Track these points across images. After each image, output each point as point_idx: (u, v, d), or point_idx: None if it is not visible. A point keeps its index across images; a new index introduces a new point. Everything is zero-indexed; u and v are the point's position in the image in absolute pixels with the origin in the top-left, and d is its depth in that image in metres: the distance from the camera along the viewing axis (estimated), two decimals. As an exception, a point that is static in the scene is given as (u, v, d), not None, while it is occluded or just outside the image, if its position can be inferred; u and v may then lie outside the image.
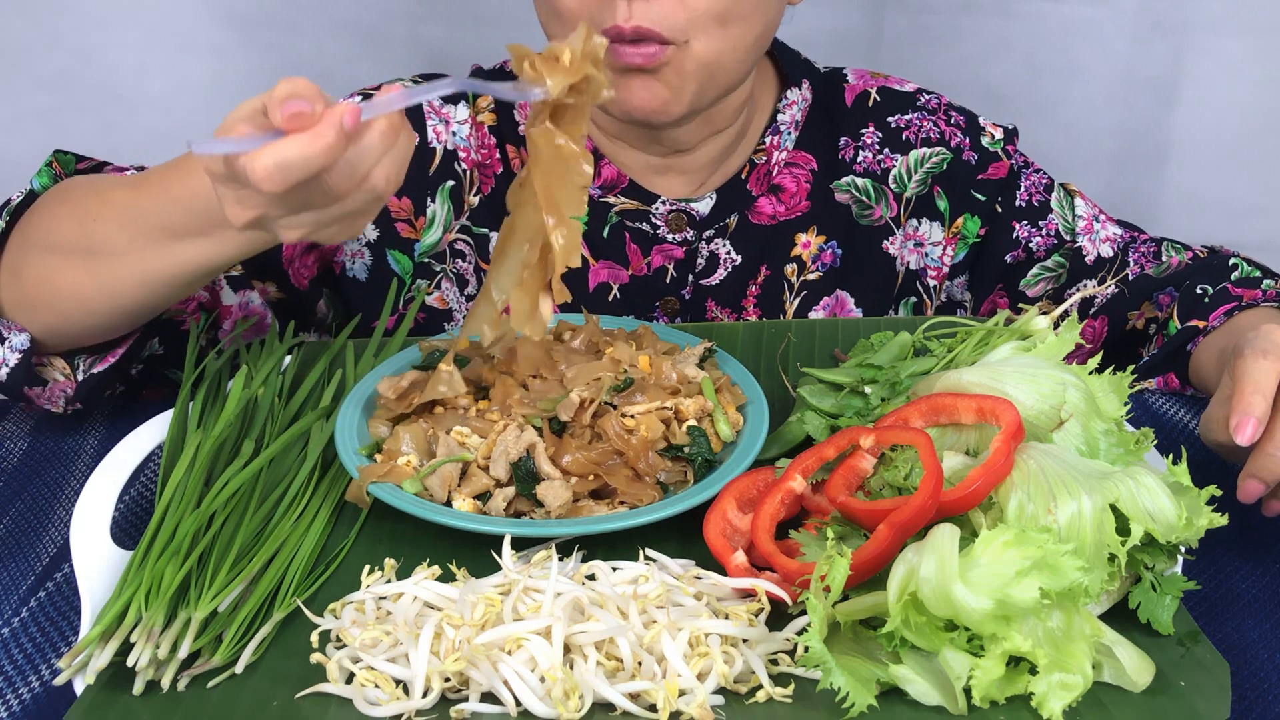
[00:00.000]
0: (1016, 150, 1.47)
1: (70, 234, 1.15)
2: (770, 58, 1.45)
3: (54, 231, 1.17)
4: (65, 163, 1.30)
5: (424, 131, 1.40)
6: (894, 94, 1.47)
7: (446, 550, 0.99)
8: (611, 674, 0.85)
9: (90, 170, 1.30)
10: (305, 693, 0.86)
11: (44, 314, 1.17)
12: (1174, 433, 1.23)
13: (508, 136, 1.42)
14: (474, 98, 1.43)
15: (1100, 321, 1.44)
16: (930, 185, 1.45)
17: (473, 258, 1.44)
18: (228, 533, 1.00)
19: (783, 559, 0.93)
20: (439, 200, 1.41)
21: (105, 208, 1.14)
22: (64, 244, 1.15)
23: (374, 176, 0.91)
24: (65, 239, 1.16)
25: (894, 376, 1.13)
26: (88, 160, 1.31)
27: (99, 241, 1.13)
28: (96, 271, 1.13)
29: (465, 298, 1.45)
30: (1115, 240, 1.46)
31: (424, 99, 1.00)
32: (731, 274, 1.44)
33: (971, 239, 1.47)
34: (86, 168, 1.30)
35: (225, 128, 0.91)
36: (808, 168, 1.44)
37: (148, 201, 1.11)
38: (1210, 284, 1.31)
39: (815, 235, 1.44)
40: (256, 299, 1.35)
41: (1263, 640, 0.97)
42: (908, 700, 0.84)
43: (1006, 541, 0.82)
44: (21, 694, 0.92)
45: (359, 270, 1.42)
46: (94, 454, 1.20)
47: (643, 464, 1.04)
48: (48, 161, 1.28)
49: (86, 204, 1.16)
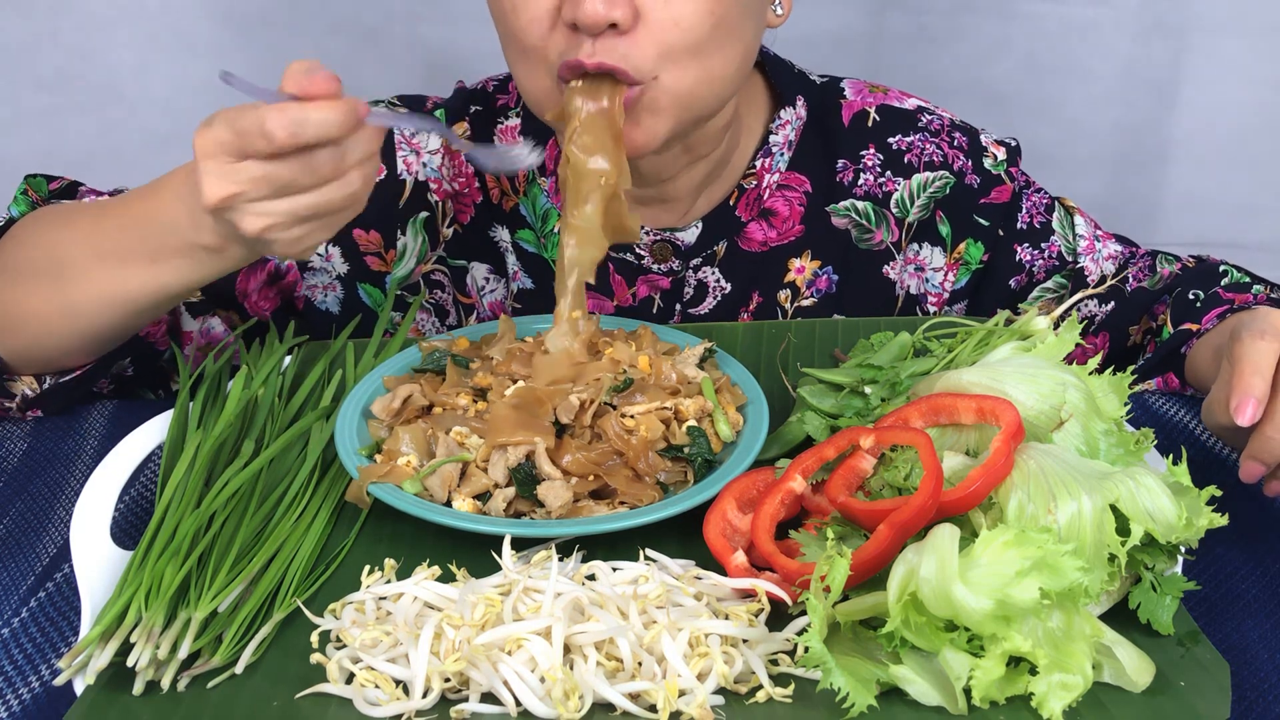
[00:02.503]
0: (1020, 171, 1.44)
1: (37, 258, 1.18)
2: (761, 73, 1.40)
3: (23, 257, 1.19)
4: (37, 185, 1.33)
5: (393, 163, 1.37)
6: (894, 112, 1.42)
7: (446, 550, 0.99)
8: (611, 674, 0.85)
9: (62, 191, 1.32)
10: (305, 693, 0.86)
11: (10, 338, 1.20)
12: (1174, 433, 1.23)
13: None
14: (449, 124, 1.39)
15: (1102, 338, 1.42)
16: (932, 210, 1.41)
17: (450, 289, 1.43)
18: (228, 533, 1.00)
19: (783, 559, 0.93)
20: (410, 232, 1.39)
21: (71, 230, 1.17)
22: (31, 268, 1.18)
23: (354, 173, 0.96)
24: (32, 263, 1.18)
25: (894, 376, 1.13)
26: (59, 180, 1.33)
27: (61, 264, 1.15)
28: (58, 295, 1.15)
29: (447, 328, 1.44)
30: (1116, 257, 1.44)
31: (413, 128, 1.03)
32: (721, 302, 1.40)
33: (974, 265, 1.43)
34: (59, 189, 1.32)
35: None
36: (801, 190, 1.39)
37: (109, 222, 1.13)
38: (1201, 290, 1.31)
39: (810, 260, 1.40)
40: (218, 325, 1.35)
41: (1263, 640, 0.97)
42: (908, 700, 0.84)
43: (1006, 541, 0.82)
44: (21, 694, 0.92)
45: (331, 303, 1.40)
46: (94, 454, 1.20)
47: (643, 464, 1.04)
48: (21, 189, 1.31)
49: (54, 229, 1.19)
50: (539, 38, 1.14)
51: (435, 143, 1.39)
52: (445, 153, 1.40)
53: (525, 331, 1.20)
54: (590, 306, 1.38)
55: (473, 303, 1.43)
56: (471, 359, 1.15)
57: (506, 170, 1.01)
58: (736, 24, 1.16)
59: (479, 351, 1.17)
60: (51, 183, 1.33)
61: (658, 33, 1.11)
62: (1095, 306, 1.42)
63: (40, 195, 1.31)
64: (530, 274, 1.40)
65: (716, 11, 1.13)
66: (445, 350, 1.18)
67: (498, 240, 1.41)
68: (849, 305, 1.43)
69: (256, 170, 0.95)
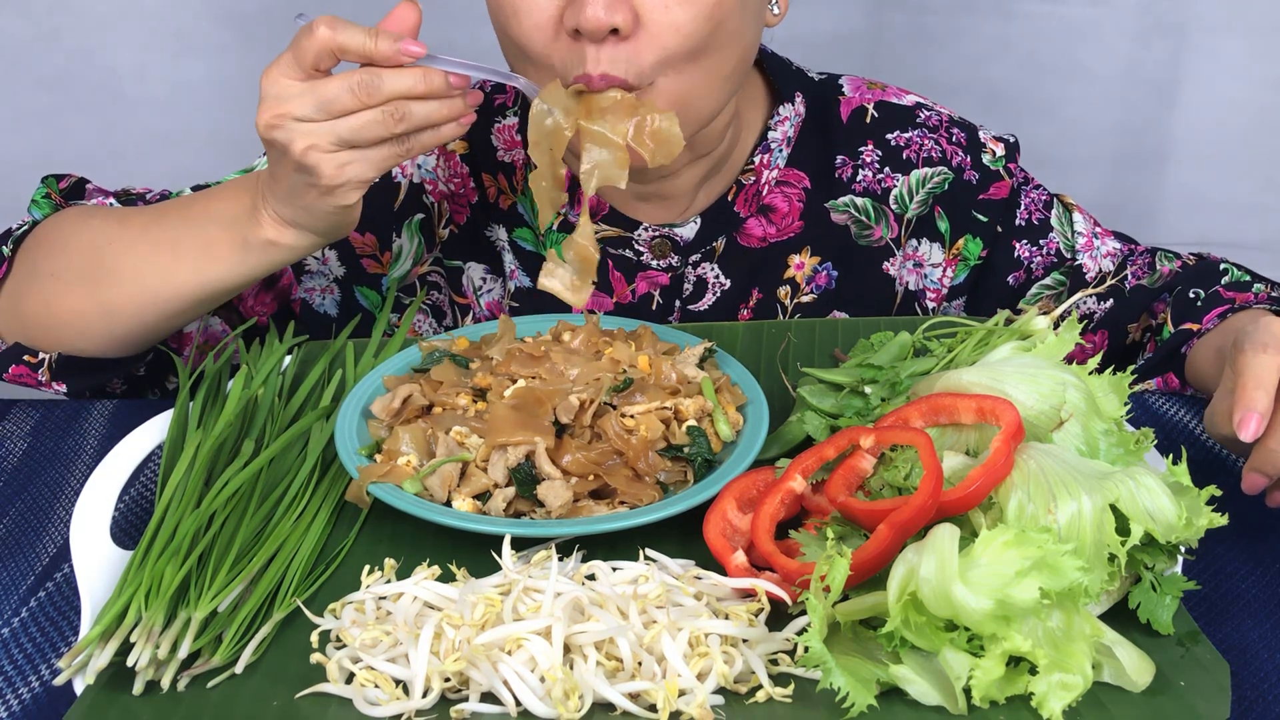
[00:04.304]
0: (1019, 167, 1.44)
1: (74, 258, 1.23)
2: (760, 70, 1.40)
3: (58, 257, 1.22)
4: (53, 186, 1.33)
5: None
6: (892, 109, 1.42)
7: (446, 550, 0.99)
8: (611, 674, 0.85)
9: (71, 189, 1.34)
10: (305, 693, 0.86)
11: (43, 339, 1.24)
12: (1174, 433, 1.22)
13: (483, 165, 1.40)
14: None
15: (1100, 335, 1.42)
16: (931, 206, 1.41)
17: (447, 290, 1.43)
18: (228, 533, 1.00)
19: (783, 559, 0.93)
20: (405, 234, 1.39)
21: (123, 228, 1.22)
22: (68, 269, 1.22)
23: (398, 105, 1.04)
24: (69, 263, 1.23)
25: (894, 376, 1.13)
26: (68, 178, 1.35)
27: (103, 262, 1.20)
28: (98, 293, 1.20)
29: (444, 328, 1.44)
30: (1115, 255, 1.44)
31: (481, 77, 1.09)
32: (721, 298, 1.40)
33: (973, 261, 1.43)
34: (67, 187, 1.34)
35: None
36: (800, 186, 1.39)
37: (169, 219, 1.20)
38: (1202, 288, 1.30)
39: (809, 256, 1.40)
40: (217, 324, 1.37)
41: (1263, 640, 0.97)
42: (908, 700, 0.84)
43: (1006, 541, 0.82)
44: (21, 694, 0.92)
45: (329, 306, 1.41)
46: (94, 454, 1.20)
47: (643, 464, 1.04)
48: (42, 192, 1.33)
49: (94, 229, 1.23)
50: (541, 44, 1.14)
51: None
52: (440, 154, 1.40)
53: (525, 331, 1.20)
54: (589, 304, 1.38)
55: (469, 303, 1.43)
56: (471, 359, 1.15)
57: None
58: (735, 26, 1.16)
59: (479, 351, 1.17)
60: (60, 181, 1.34)
61: (657, 37, 1.12)
62: (1094, 304, 1.41)
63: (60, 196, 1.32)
64: (528, 272, 1.40)
65: (715, 16, 1.13)
66: (445, 350, 1.18)
67: (494, 239, 1.41)
68: (848, 301, 1.43)
69: (300, 88, 1.04)
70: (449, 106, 1.07)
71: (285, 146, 1.05)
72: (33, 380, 1.25)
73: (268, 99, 1.05)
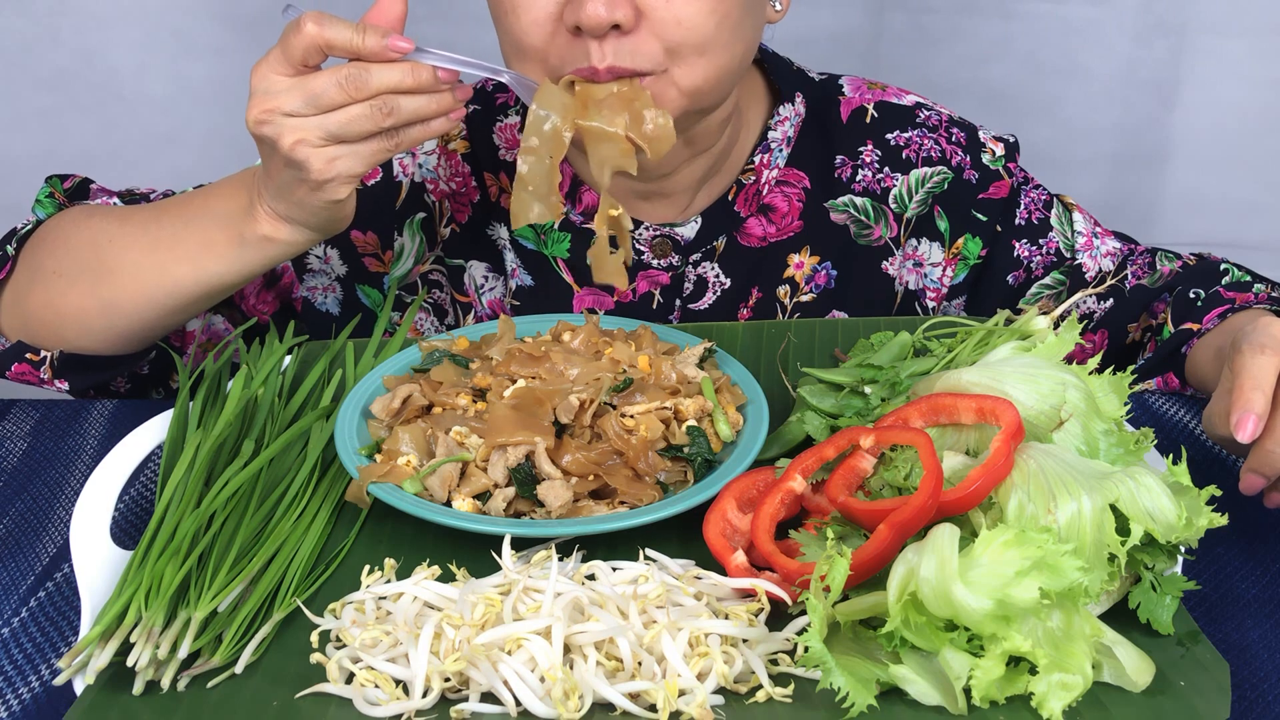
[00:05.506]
0: (1018, 167, 1.44)
1: (75, 256, 1.23)
2: (760, 69, 1.40)
3: (61, 256, 1.23)
4: (58, 186, 1.34)
5: (389, 165, 1.38)
6: (892, 109, 1.42)
7: (446, 550, 0.99)
8: (611, 674, 0.85)
9: (75, 189, 1.35)
10: (305, 693, 0.86)
11: (45, 337, 1.25)
12: (1174, 433, 1.23)
13: (485, 164, 1.40)
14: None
15: (1100, 335, 1.42)
16: (931, 205, 1.41)
17: (448, 289, 1.43)
18: (228, 533, 1.00)
19: (783, 559, 0.93)
20: (407, 233, 1.40)
21: (122, 225, 1.23)
22: (70, 266, 1.23)
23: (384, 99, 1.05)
24: (71, 261, 1.23)
25: (894, 376, 1.13)
26: (71, 178, 1.36)
27: (104, 259, 1.21)
28: (99, 291, 1.21)
29: (446, 327, 1.44)
30: (1115, 254, 1.44)
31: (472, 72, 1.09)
32: (721, 297, 1.40)
33: (973, 260, 1.43)
34: (71, 187, 1.35)
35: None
36: (800, 185, 1.39)
37: (168, 217, 1.21)
38: (1202, 288, 1.30)
39: (809, 256, 1.41)
40: (219, 323, 1.37)
41: (1263, 640, 0.97)
42: (908, 700, 0.84)
43: (1006, 541, 0.82)
44: (21, 694, 0.92)
45: (330, 304, 1.42)
46: (94, 454, 1.20)
47: (643, 464, 1.04)
48: (46, 192, 1.33)
49: (95, 226, 1.24)
50: (541, 40, 1.14)
51: (430, 143, 1.40)
52: (441, 153, 1.40)
53: (525, 331, 1.20)
54: (590, 304, 1.38)
55: (470, 301, 1.43)
56: (471, 359, 1.15)
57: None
58: (739, 20, 1.17)
59: (479, 351, 1.17)
60: (65, 181, 1.34)
61: (660, 31, 1.12)
62: (1094, 304, 1.41)
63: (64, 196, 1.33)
64: (530, 270, 1.40)
65: (719, 10, 1.13)
66: (445, 350, 1.18)
67: (496, 238, 1.41)
68: (848, 301, 1.43)
69: (289, 83, 1.04)
70: (437, 101, 1.07)
71: (274, 141, 1.05)
72: (35, 378, 1.25)
73: (256, 94, 1.06)
